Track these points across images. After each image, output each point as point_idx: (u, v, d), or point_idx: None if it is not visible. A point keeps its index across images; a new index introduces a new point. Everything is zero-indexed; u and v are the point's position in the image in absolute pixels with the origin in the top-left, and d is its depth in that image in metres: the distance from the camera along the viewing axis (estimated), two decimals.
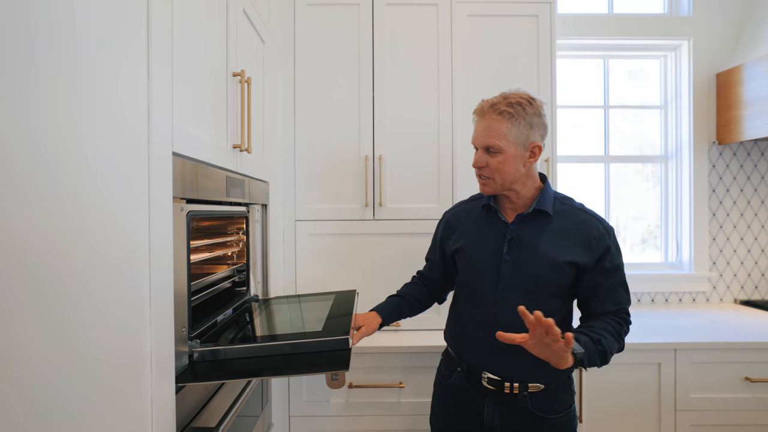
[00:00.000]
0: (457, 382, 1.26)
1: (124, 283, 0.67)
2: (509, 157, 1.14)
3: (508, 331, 1.10)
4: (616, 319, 1.15)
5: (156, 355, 0.75)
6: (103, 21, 0.63)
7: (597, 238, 1.15)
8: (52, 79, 0.53)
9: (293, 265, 1.83)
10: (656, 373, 1.72)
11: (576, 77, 2.48)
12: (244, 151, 1.21)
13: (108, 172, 0.63)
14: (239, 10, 1.22)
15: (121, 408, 0.67)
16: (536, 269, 1.15)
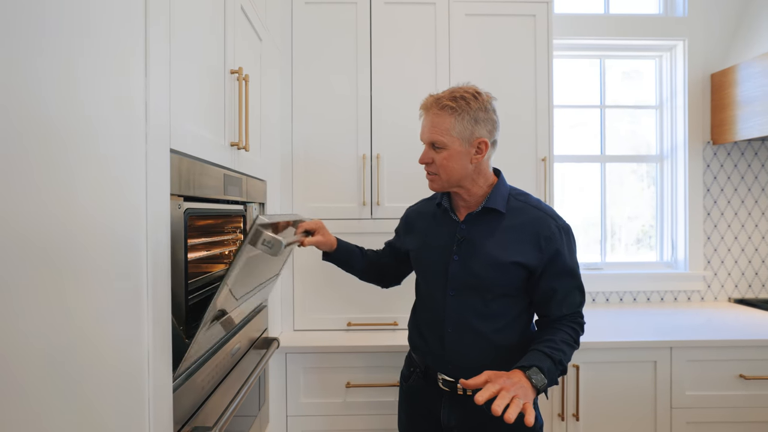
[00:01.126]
0: (415, 384, 1.25)
1: (121, 279, 0.67)
2: (454, 153, 1.11)
3: (456, 332, 1.14)
4: (571, 325, 1.12)
5: (153, 353, 0.75)
6: (99, 22, 0.62)
7: (547, 237, 1.10)
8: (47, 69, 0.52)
9: (291, 264, 1.83)
10: (652, 371, 1.72)
11: (573, 77, 2.48)
12: (242, 149, 1.21)
13: (105, 167, 0.63)
14: (237, 8, 1.22)
15: (118, 406, 0.66)
16: (482, 270, 1.12)
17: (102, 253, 0.62)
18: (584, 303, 1.17)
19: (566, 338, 1.09)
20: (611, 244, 2.51)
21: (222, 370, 1.09)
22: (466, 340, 1.15)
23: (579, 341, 1.13)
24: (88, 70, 0.59)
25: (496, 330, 1.14)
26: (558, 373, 1.04)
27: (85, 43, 0.59)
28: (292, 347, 1.65)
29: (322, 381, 1.68)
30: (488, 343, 1.14)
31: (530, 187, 1.93)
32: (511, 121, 1.92)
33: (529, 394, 0.93)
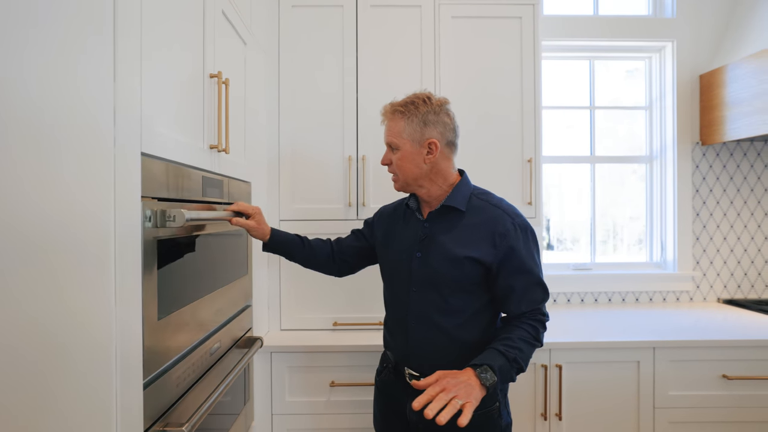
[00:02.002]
0: (386, 378, 1.29)
1: (88, 274, 0.69)
2: (406, 154, 1.17)
3: (418, 327, 1.18)
4: (531, 323, 1.13)
5: (121, 355, 0.77)
6: (65, 29, 0.64)
7: (502, 234, 1.13)
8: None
9: (277, 265, 1.85)
10: (635, 371, 1.74)
11: (566, 78, 2.49)
12: (221, 151, 1.23)
13: (72, 172, 0.65)
14: (218, 12, 1.24)
15: (85, 400, 0.68)
16: (438, 265, 1.16)
17: (68, 247, 0.64)
18: (546, 300, 1.18)
19: (524, 335, 1.10)
20: (613, 245, 2.52)
21: (200, 368, 1.11)
22: (428, 335, 1.18)
23: (541, 338, 1.14)
24: (54, 75, 0.61)
25: (457, 325, 1.16)
26: (514, 371, 1.06)
27: (39, 36, 0.61)
28: (277, 346, 1.67)
29: (306, 380, 1.70)
30: (449, 339, 1.16)
31: (515, 187, 1.94)
32: (496, 122, 1.94)
33: (473, 393, 0.95)
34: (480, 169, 1.94)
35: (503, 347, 1.06)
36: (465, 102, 1.93)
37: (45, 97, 0.61)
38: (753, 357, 1.73)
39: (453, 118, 1.22)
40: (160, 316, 0.91)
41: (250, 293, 1.56)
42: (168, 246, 0.94)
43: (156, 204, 0.90)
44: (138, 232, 0.82)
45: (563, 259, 2.48)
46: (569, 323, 1.97)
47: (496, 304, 1.20)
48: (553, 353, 1.71)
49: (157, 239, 0.90)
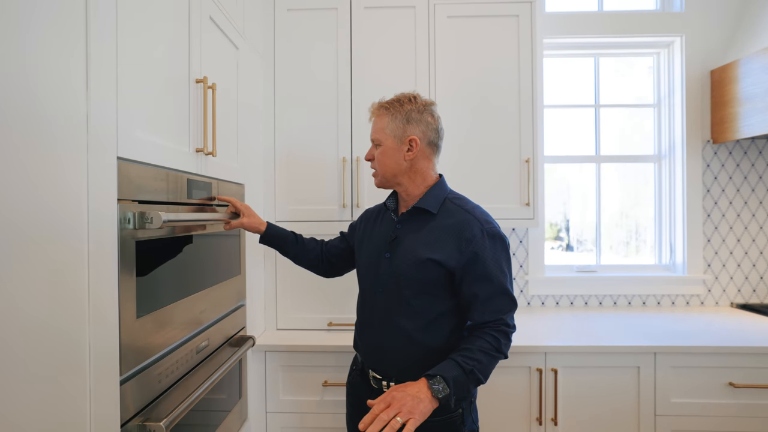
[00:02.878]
0: (354, 380, 1.29)
1: (60, 272, 0.72)
2: (387, 149, 1.19)
3: (382, 328, 1.18)
4: (493, 333, 1.09)
5: (96, 351, 0.80)
6: (37, 39, 0.67)
7: (468, 239, 1.11)
8: None
9: (273, 266, 1.88)
10: (635, 377, 1.69)
11: (567, 76, 2.45)
12: (209, 154, 1.26)
13: (45, 174, 0.68)
14: (204, 19, 1.27)
15: (61, 396, 0.72)
16: (403, 266, 1.15)
17: (42, 246, 0.67)
18: (513, 310, 1.14)
19: (485, 347, 1.07)
20: (636, 246, 2.46)
21: (185, 366, 1.14)
22: (391, 337, 1.17)
23: (504, 349, 1.10)
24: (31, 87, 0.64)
25: (418, 328, 1.14)
26: (471, 383, 1.04)
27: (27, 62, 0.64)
28: (271, 346, 1.70)
29: (300, 379, 1.72)
30: (410, 341, 1.15)
31: (512, 187, 1.92)
32: (493, 122, 1.92)
33: (419, 407, 0.95)
34: (476, 170, 1.93)
35: (461, 358, 1.04)
36: (461, 102, 1.92)
37: (14, 100, 0.64)
38: (763, 365, 1.66)
39: (437, 119, 1.22)
40: (139, 314, 0.94)
41: (243, 293, 1.59)
42: (148, 247, 0.97)
43: (136, 206, 0.94)
44: (113, 234, 0.85)
45: (583, 261, 2.42)
46: (569, 326, 1.93)
47: (462, 310, 1.17)
48: (548, 357, 1.68)
49: (135, 240, 0.93)
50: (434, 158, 1.23)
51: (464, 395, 1.07)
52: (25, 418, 0.66)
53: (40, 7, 0.69)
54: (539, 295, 2.30)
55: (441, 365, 1.04)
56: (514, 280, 2.28)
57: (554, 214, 2.45)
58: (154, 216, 0.93)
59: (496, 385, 1.68)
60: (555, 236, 2.44)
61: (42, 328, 0.69)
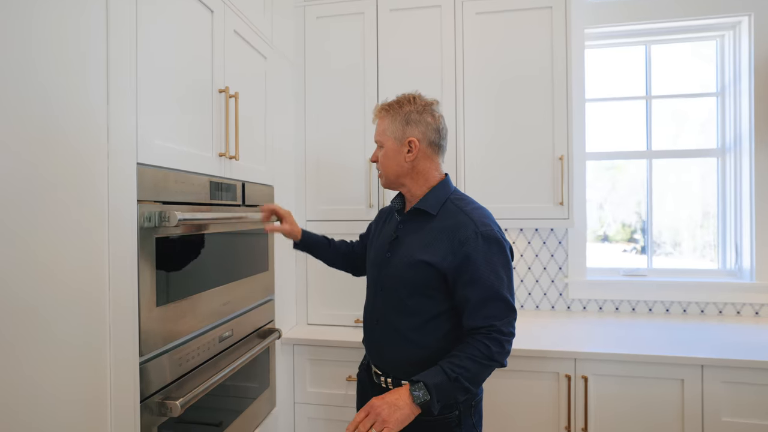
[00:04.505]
0: (361, 375, 1.32)
1: (83, 263, 0.83)
2: (389, 151, 1.20)
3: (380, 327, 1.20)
4: (484, 341, 1.05)
5: (115, 333, 0.91)
6: (57, 60, 0.79)
7: (461, 241, 1.09)
8: None
9: (304, 264, 1.96)
10: (679, 390, 1.56)
11: (616, 68, 2.30)
12: (231, 158, 1.36)
13: (67, 186, 0.79)
14: (228, 33, 1.37)
15: (82, 373, 0.83)
16: (399, 266, 1.16)
17: (69, 239, 0.78)
18: (508, 317, 1.09)
19: (474, 354, 1.04)
20: (730, 248, 2.25)
21: (207, 353, 1.24)
22: (387, 335, 1.19)
23: (496, 357, 1.06)
24: (50, 107, 0.76)
25: (413, 328, 1.14)
26: (457, 390, 1.02)
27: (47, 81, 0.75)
28: (299, 339, 1.78)
29: (326, 373, 1.78)
30: (405, 340, 1.15)
31: (544, 186, 1.85)
32: (523, 119, 1.87)
33: (395, 415, 0.97)
34: (505, 168, 1.88)
35: (447, 365, 1.03)
36: (489, 100, 1.88)
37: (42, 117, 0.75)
38: None
39: (439, 119, 1.20)
40: (159, 303, 1.04)
41: (271, 288, 1.69)
42: (168, 243, 1.08)
43: (157, 206, 1.04)
44: (132, 231, 0.96)
45: (663, 264, 2.25)
46: (608, 333, 1.82)
47: (458, 313, 1.15)
48: (578, 363, 1.60)
49: (156, 237, 1.04)
50: (438, 158, 1.22)
51: (451, 402, 1.06)
52: (53, 388, 0.78)
53: (60, 24, 0.80)
54: (580, 299, 2.18)
55: (427, 371, 1.05)
56: (553, 282, 2.19)
57: (628, 214, 2.28)
58: (170, 215, 1.03)
59: (520, 390, 1.63)
60: (628, 238, 2.28)
61: (67, 310, 0.80)
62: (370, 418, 0.98)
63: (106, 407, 0.90)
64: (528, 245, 2.21)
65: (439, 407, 1.01)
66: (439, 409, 1.02)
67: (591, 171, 2.30)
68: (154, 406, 1.02)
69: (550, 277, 2.19)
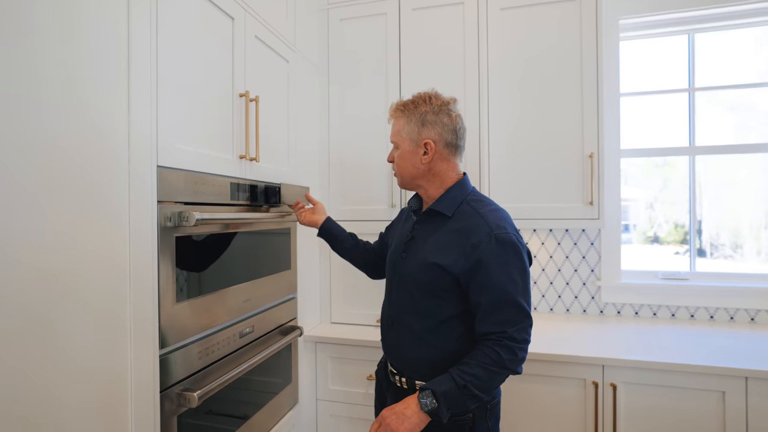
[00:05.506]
0: (379, 373, 1.32)
1: (106, 260, 0.89)
2: (404, 152, 1.19)
3: (395, 326, 1.20)
4: (494, 347, 1.03)
5: (135, 327, 0.96)
6: (83, 68, 0.84)
7: (474, 245, 1.06)
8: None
9: (328, 262, 1.99)
10: (719, 403, 1.45)
11: (655, 59, 2.17)
12: (252, 160, 1.40)
13: (87, 187, 0.85)
14: (249, 38, 1.41)
15: (105, 364, 0.88)
16: (413, 267, 1.16)
17: (92, 249, 0.84)
18: (522, 324, 1.05)
19: (485, 361, 1.02)
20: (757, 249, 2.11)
21: (226, 348, 1.29)
22: (402, 335, 1.18)
23: (507, 365, 1.03)
24: (77, 106, 0.82)
25: (428, 329, 1.13)
26: (467, 398, 1.01)
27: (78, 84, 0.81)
28: (321, 337, 1.81)
29: (347, 371, 1.80)
30: (420, 341, 1.14)
31: (573, 185, 1.79)
32: (550, 116, 1.81)
33: (405, 423, 0.99)
34: (530, 166, 1.83)
35: (457, 372, 1.02)
36: (516, 97, 1.84)
37: (64, 132, 0.81)
38: None
39: (456, 119, 1.18)
40: (179, 299, 1.10)
41: (294, 287, 1.72)
42: (188, 242, 1.13)
43: (177, 207, 1.09)
44: (152, 230, 1.01)
45: (721, 268, 2.10)
46: (642, 339, 1.72)
47: (472, 316, 1.12)
48: (606, 370, 1.53)
49: (176, 236, 1.09)
50: (455, 158, 1.20)
51: (461, 409, 1.04)
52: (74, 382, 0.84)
53: (83, 34, 0.86)
54: (614, 303, 2.08)
55: (437, 378, 1.04)
56: (584, 285, 2.10)
57: (681, 214, 2.16)
58: (189, 215, 1.08)
59: (543, 395, 1.58)
60: (681, 239, 2.16)
61: (90, 306, 0.86)
62: (381, 429, 1.00)
63: (127, 397, 0.95)
64: (558, 246, 2.13)
65: (449, 415, 1.00)
66: (448, 417, 1.01)
67: (639, 168, 2.19)
68: (174, 396, 1.08)
69: (582, 280, 2.11)
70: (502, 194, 1.86)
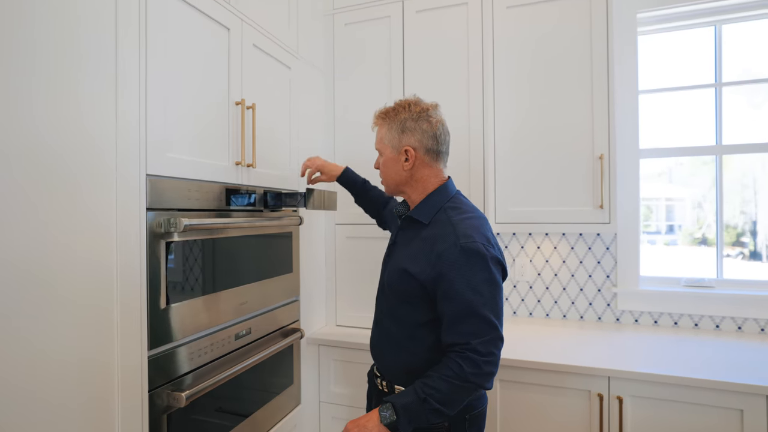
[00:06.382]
0: (370, 375, 1.32)
1: (94, 263, 0.93)
2: (387, 159, 1.20)
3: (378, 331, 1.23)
4: (457, 359, 1.00)
5: (122, 328, 1.01)
6: (68, 82, 0.89)
7: (439, 254, 1.05)
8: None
9: (333, 266, 2.01)
10: (737, 423, 1.35)
11: (676, 54, 2.05)
12: (249, 166, 1.43)
13: (79, 190, 0.90)
14: (247, 47, 1.45)
15: (91, 363, 0.93)
16: (390, 273, 1.18)
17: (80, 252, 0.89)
18: (488, 335, 1.01)
19: (446, 373, 1.00)
20: None
21: (221, 349, 1.33)
22: (384, 338, 1.20)
23: (470, 378, 0.99)
24: (68, 119, 0.86)
25: (404, 335, 1.15)
26: (428, 411, 1.00)
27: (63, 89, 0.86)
28: (324, 340, 1.83)
29: (349, 374, 1.81)
30: (397, 346, 1.16)
31: (582, 188, 1.72)
32: (559, 117, 1.75)
33: None
34: (536, 168, 1.79)
35: (420, 385, 1.02)
36: (524, 98, 1.79)
37: (54, 140, 0.86)
38: None
39: (436, 124, 1.17)
40: (170, 301, 1.14)
41: (296, 290, 1.75)
42: (178, 247, 1.17)
43: (167, 214, 1.13)
44: (138, 236, 1.05)
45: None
46: (657, 349, 1.63)
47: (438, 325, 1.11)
48: (612, 382, 1.46)
49: (166, 242, 1.13)
50: (437, 164, 1.19)
51: (423, 423, 1.02)
52: (64, 381, 0.88)
53: (72, 43, 0.91)
54: (631, 311, 1.98)
55: (402, 391, 1.07)
56: (599, 292, 2.01)
57: (733, 214, 2.04)
58: (177, 221, 1.12)
59: (545, 407, 1.53)
60: (734, 241, 2.04)
61: (76, 305, 0.91)
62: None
63: (114, 395, 0.99)
64: (571, 250, 2.05)
65: (410, 429, 1.00)
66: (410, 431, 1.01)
67: (684, 166, 2.08)
68: (164, 396, 1.12)
69: (597, 286, 2.02)
70: (507, 197, 1.81)
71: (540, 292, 2.10)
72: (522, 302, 2.13)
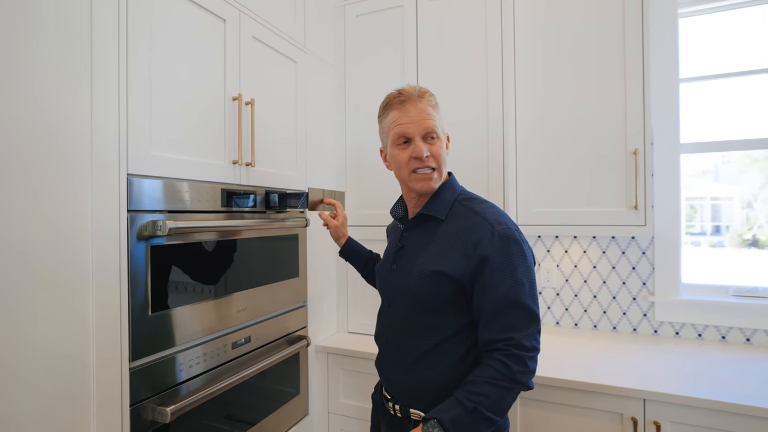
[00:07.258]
0: (375, 398, 1.20)
1: (64, 276, 0.87)
2: (443, 145, 1.06)
3: (388, 344, 1.08)
4: (501, 358, 0.90)
5: (98, 340, 0.94)
6: (45, 77, 0.83)
7: (476, 243, 0.94)
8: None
9: (345, 271, 1.91)
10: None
11: (724, 37, 1.84)
12: (248, 165, 1.36)
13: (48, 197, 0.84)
14: (245, 39, 1.37)
15: (62, 382, 0.87)
16: (408, 278, 1.04)
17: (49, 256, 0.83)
18: (531, 329, 0.92)
19: (492, 376, 0.89)
20: None
21: (215, 359, 1.25)
22: (397, 356, 1.06)
23: (519, 378, 0.89)
24: (36, 123, 0.80)
25: (426, 349, 1.01)
26: (480, 422, 0.87)
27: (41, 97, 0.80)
28: (333, 348, 1.73)
29: (358, 385, 1.71)
30: (416, 363, 1.02)
31: (614, 186, 1.56)
32: (586, 109, 1.59)
33: None
34: (565, 167, 1.64)
35: (464, 394, 0.89)
36: (550, 88, 1.65)
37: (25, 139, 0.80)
38: None
39: None
40: (154, 310, 1.06)
41: (303, 295, 1.66)
42: (165, 251, 1.09)
43: (151, 216, 1.06)
44: (119, 240, 0.98)
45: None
46: (701, 367, 1.44)
47: (473, 330, 0.99)
48: (648, 405, 1.29)
49: (150, 245, 1.06)
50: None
51: None
52: (36, 389, 0.82)
53: (45, 35, 0.85)
54: (671, 323, 1.78)
55: (442, 404, 0.91)
56: (634, 300, 1.83)
57: None
58: (161, 224, 1.04)
59: (571, 430, 1.37)
60: None
61: (46, 311, 0.85)
62: None
63: (89, 410, 0.93)
64: (603, 255, 1.88)
65: None
66: None
67: (732, 164, 1.88)
68: (148, 410, 1.05)
69: (631, 294, 1.84)
70: (530, 196, 1.67)
71: (568, 300, 1.93)
72: (548, 310, 1.97)
